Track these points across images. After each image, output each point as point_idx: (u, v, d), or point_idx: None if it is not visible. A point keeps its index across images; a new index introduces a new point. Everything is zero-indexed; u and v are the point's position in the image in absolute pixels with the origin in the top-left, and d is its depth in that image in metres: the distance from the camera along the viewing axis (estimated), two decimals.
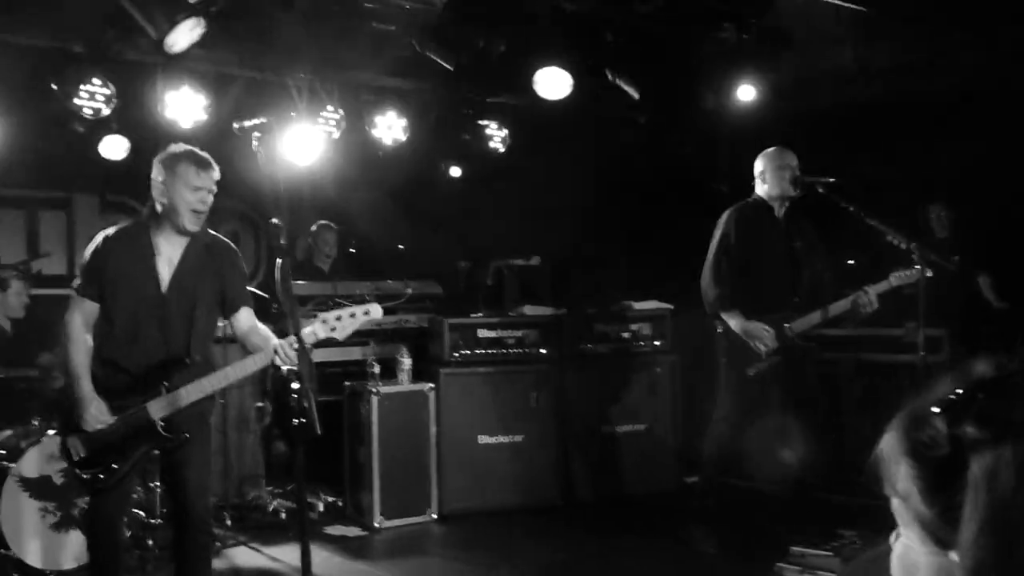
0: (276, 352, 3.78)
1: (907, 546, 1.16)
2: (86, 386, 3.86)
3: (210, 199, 3.97)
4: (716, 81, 6.60)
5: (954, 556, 1.08)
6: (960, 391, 1.10)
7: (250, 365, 3.94)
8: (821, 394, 5.38)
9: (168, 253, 4.00)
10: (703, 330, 5.63)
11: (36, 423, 5.39)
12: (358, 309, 3.80)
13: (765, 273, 5.30)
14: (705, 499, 5.57)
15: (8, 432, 5.36)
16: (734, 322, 5.21)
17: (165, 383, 3.89)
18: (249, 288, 5.97)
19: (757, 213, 5.38)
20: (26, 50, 5.92)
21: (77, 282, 4.02)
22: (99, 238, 4.01)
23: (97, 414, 3.84)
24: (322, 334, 3.80)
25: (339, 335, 3.81)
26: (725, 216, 5.43)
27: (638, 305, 7.01)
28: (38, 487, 5.09)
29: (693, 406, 6.84)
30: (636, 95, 6.63)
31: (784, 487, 5.48)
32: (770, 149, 5.41)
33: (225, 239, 4.26)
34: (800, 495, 5.38)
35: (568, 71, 6.27)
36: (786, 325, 5.20)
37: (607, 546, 5.70)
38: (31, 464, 5.10)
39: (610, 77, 6.60)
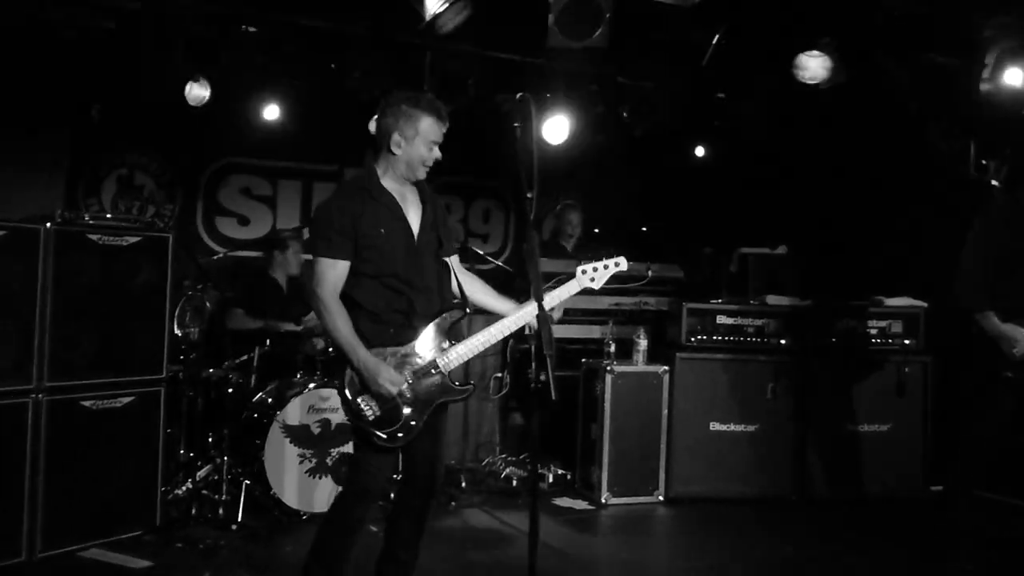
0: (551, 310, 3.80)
1: None
2: (366, 353, 3.66)
3: (439, 154, 3.81)
4: (993, 66, 6.13)
5: None
6: None
7: (515, 323, 3.83)
8: None
9: (408, 202, 3.84)
10: (961, 331, 5.30)
11: (299, 376, 5.88)
12: (609, 261, 3.98)
13: None
14: (953, 510, 5.25)
15: (275, 383, 5.89)
16: (988, 324, 4.87)
17: (447, 337, 3.81)
18: (496, 262, 6.28)
19: (1019, 207, 4.98)
20: (309, 31, 6.41)
21: (323, 245, 3.71)
22: (338, 196, 3.83)
23: (393, 378, 3.67)
24: (585, 283, 3.97)
25: (596, 285, 3.99)
26: (983, 211, 5.07)
27: (889, 301, 6.68)
28: (298, 435, 5.57)
29: (945, 411, 6.47)
30: (905, 81, 6.30)
31: None
32: None
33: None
34: None
35: (831, 54, 6.05)
36: None
37: (841, 548, 5.49)
38: (293, 413, 5.57)
39: (876, 61, 6.30)
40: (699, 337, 6.48)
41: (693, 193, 8.14)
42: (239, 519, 5.35)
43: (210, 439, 5.84)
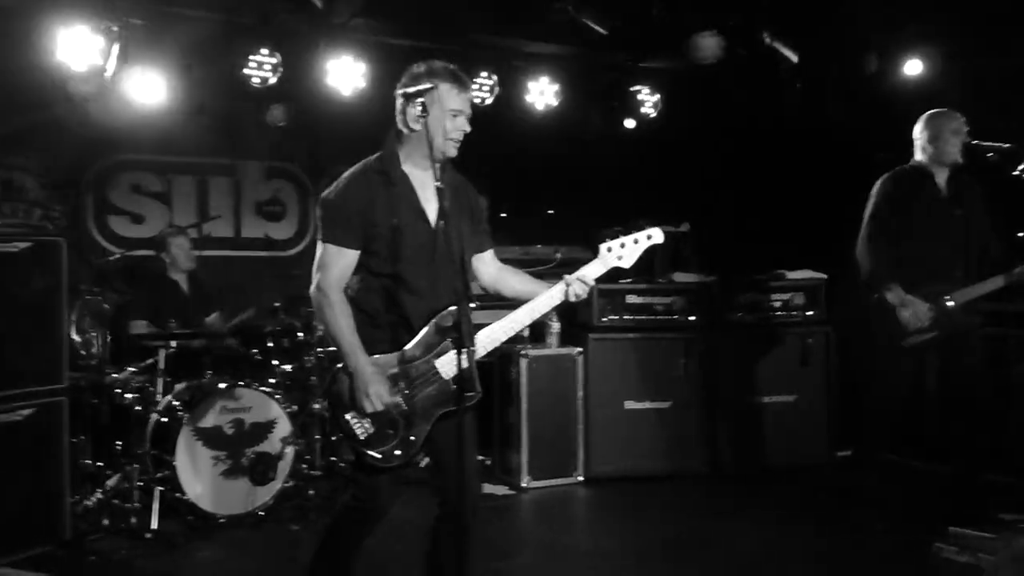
0: (568, 285, 3.47)
1: None
2: (365, 359, 3.30)
3: (468, 126, 3.46)
4: (880, 44, 6.37)
5: None
6: None
7: (544, 304, 3.50)
8: (986, 370, 5.14)
9: (425, 188, 3.46)
10: (860, 301, 5.49)
11: (209, 376, 5.73)
12: (640, 235, 3.54)
13: (923, 243, 5.08)
14: (859, 474, 5.44)
15: (184, 385, 5.72)
16: (891, 295, 5.04)
17: (449, 338, 3.35)
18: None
19: (914, 179, 5.15)
20: (198, 22, 6.22)
21: (331, 230, 3.39)
22: (353, 179, 3.45)
23: (381, 395, 3.30)
24: (612, 262, 3.53)
25: (626, 264, 3.54)
26: (879, 183, 5.22)
27: (791, 274, 6.87)
28: (211, 437, 5.44)
29: (848, 379, 6.68)
30: (794, 59, 6.47)
31: (952, 465, 5.32)
32: (939, 111, 5.16)
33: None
34: (963, 475, 5.20)
35: (722, 34, 6.17)
36: (946, 298, 5.00)
37: (753, 517, 5.64)
38: (205, 415, 5.44)
39: (767, 40, 6.45)
40: (610, 317, 6.55)
41: (597, 174, 8.20)
42: (153, 527, 5.19)
43: (118, 447, 5.64)
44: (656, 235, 3.56)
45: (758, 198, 7.69)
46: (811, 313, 6.82)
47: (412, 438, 3.37)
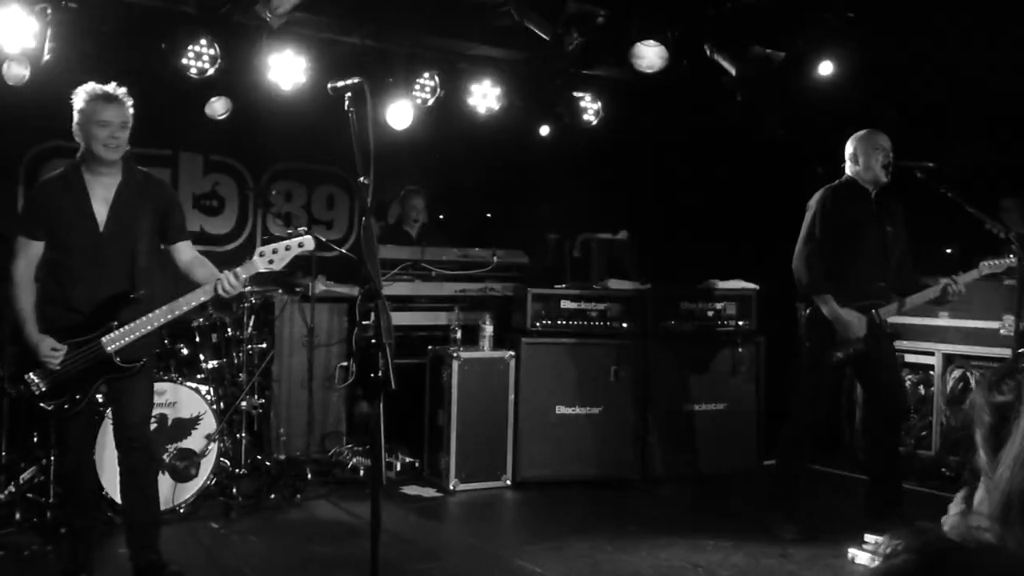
0: (219, 282, 4.04)
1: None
2: (33, 329, 4.09)
3: (122, 133, 4.14)
4: (816, 60, 6.47)
5: None
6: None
7: (195, 297, 4.13)
8: (903, 382, 5.27)
9: (102, 192, 4.19)
10: (790, 312, 5.56)
11: None
12: (292, 242, 4.03)
13: (856, 256, 5.18)
14: (781, 481, 5.50)
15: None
16: (826, 307, 5.11)
17: (115, 319, 4.13)
18: (341, 249, 6.20)
19: (851, 194, 5.26)
20: (137, 8, 6.11)
21: (21, 224, 4.24)
22: (44, 181, 4.29)
23: (50, 353, 4.06)
24: (261, 267, 4.05)
25: (276, 267, 4.08)
26: (818, 196, 5.32)
27: (723, 284, 6.94)
28: None
29: (777, 388, 6.76)
30: (734, 72, 6.52)
31: (869, 473, 5.42)
32: (863, 131, 5.29)
33: (159, 177, 4.57)
34: (882, 483, 5.28)
35: (665, 44, 6.20)
36: (874, 311, 5.09)
37: (680, 523, 5.67)
38: None
39: (708, 52, 6.51)
40: (544, 322, 6.54)
41: (537, 179, 8.22)
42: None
43: (35, 439, 5.51)
44: (307, 243, 4.06)
45: (695, 208, 7.76)
46: (743, 323, 6.90)
47: (78, 396, 4.16)
